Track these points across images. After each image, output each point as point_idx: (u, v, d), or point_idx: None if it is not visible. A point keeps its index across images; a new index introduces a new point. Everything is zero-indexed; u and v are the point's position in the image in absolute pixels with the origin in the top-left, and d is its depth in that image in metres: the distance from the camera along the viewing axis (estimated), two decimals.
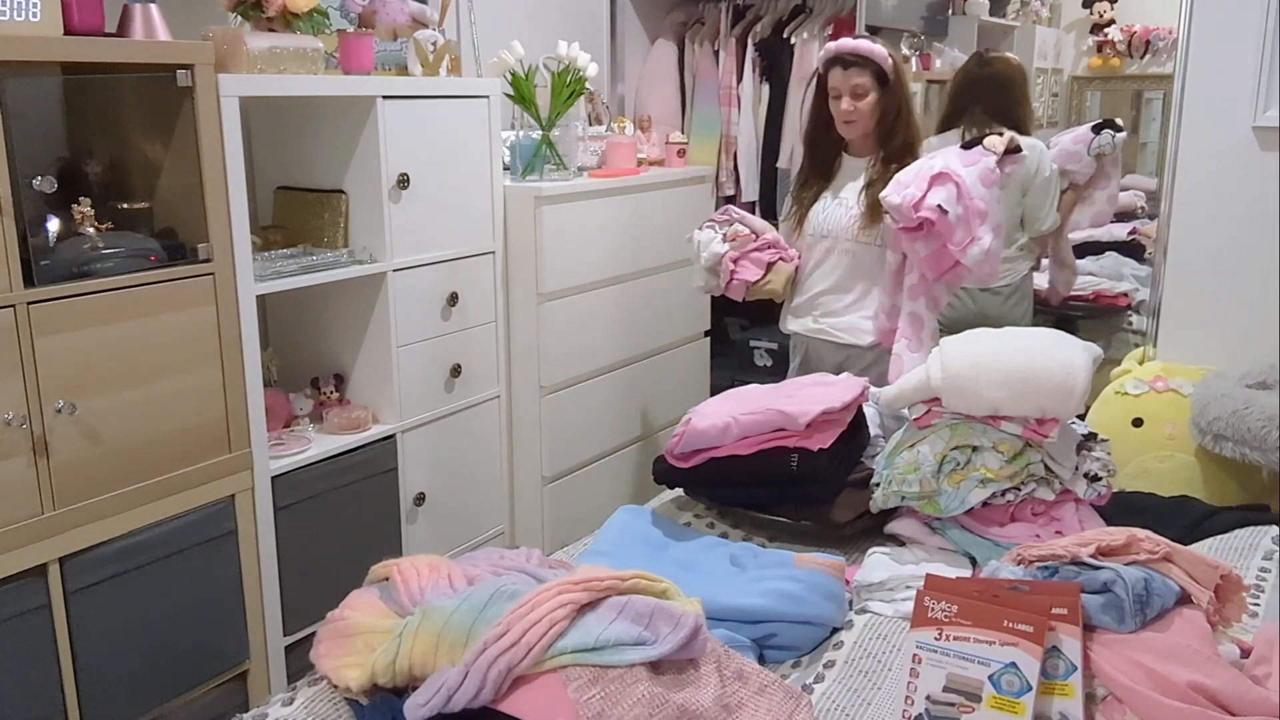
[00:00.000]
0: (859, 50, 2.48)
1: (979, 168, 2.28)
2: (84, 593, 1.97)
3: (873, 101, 2.48)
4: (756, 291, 2.61)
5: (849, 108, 2.48)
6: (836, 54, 2.49)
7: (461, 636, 1.24)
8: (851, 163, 2.60)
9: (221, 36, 2.15)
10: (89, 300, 1.92)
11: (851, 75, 2.47)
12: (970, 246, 2.28)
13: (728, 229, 2.64)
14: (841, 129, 2.54)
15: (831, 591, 1.57)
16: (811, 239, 2.61)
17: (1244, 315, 2.44)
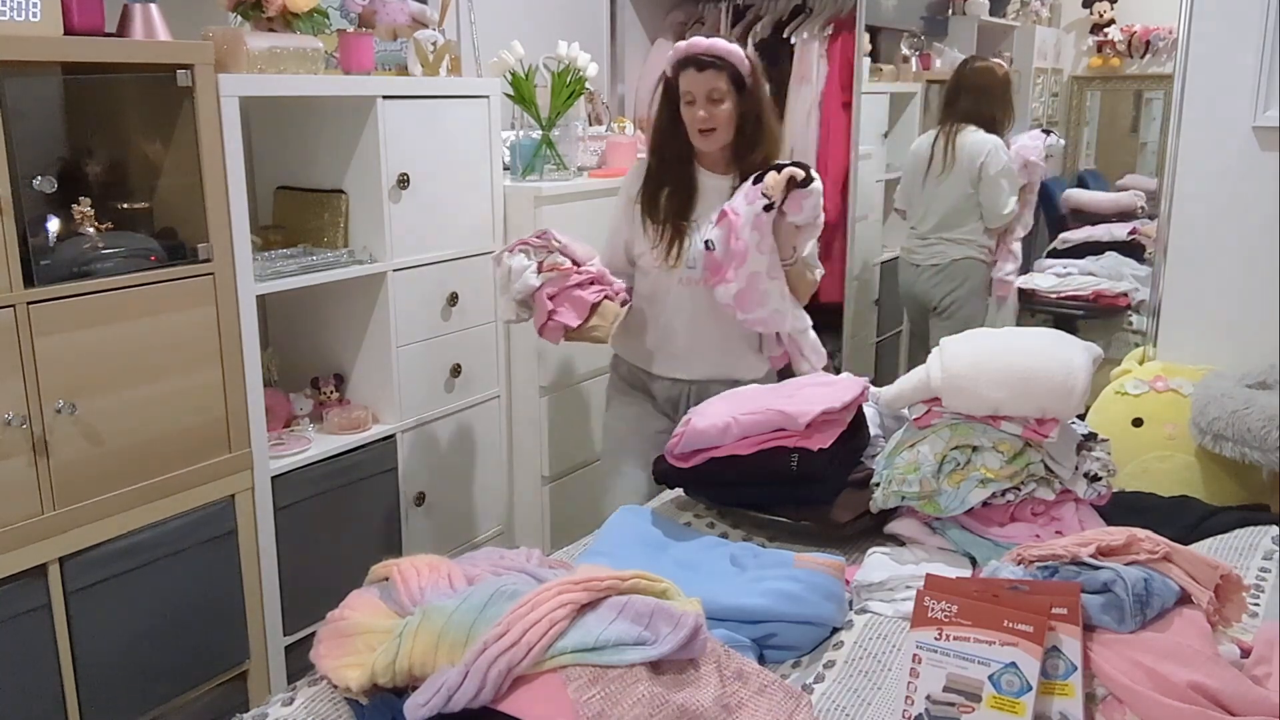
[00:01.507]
0: (714, 50, 2.22)
1: (752, 210, 2.14)
2: (84, 593, 1.97)
3: (730, 108, 2.23)
4: (577, 336, 2.28)
5: (705, 115, 2.22)
6: (689, 54, 2.23)
7: (461, 636, 1.24)
8: (714, 181, 2.32)
9: (221, 36, 2.15)
10: (89, 300, 1.92)
11: (707, 78, 2.21)
12: (718, 285, 2.20)
13: (544, 257, 2.29)
14: (697, 140, 2.26)
15: (831, 591, 1.57)
16: (691, 273, 2.31)
17: (1244, 315, 2.44)
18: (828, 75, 3.64)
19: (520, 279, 2.26)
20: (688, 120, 2.24)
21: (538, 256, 2.29)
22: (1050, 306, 3.86)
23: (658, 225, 2.31)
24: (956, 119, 3.66)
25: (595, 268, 2.31)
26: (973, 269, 3.69)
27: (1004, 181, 3.58)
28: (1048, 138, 3.79)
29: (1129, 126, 5.50)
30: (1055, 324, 3.66)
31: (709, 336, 2.36)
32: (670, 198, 2.31)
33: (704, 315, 2.33)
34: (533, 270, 2.27)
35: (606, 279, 2.31)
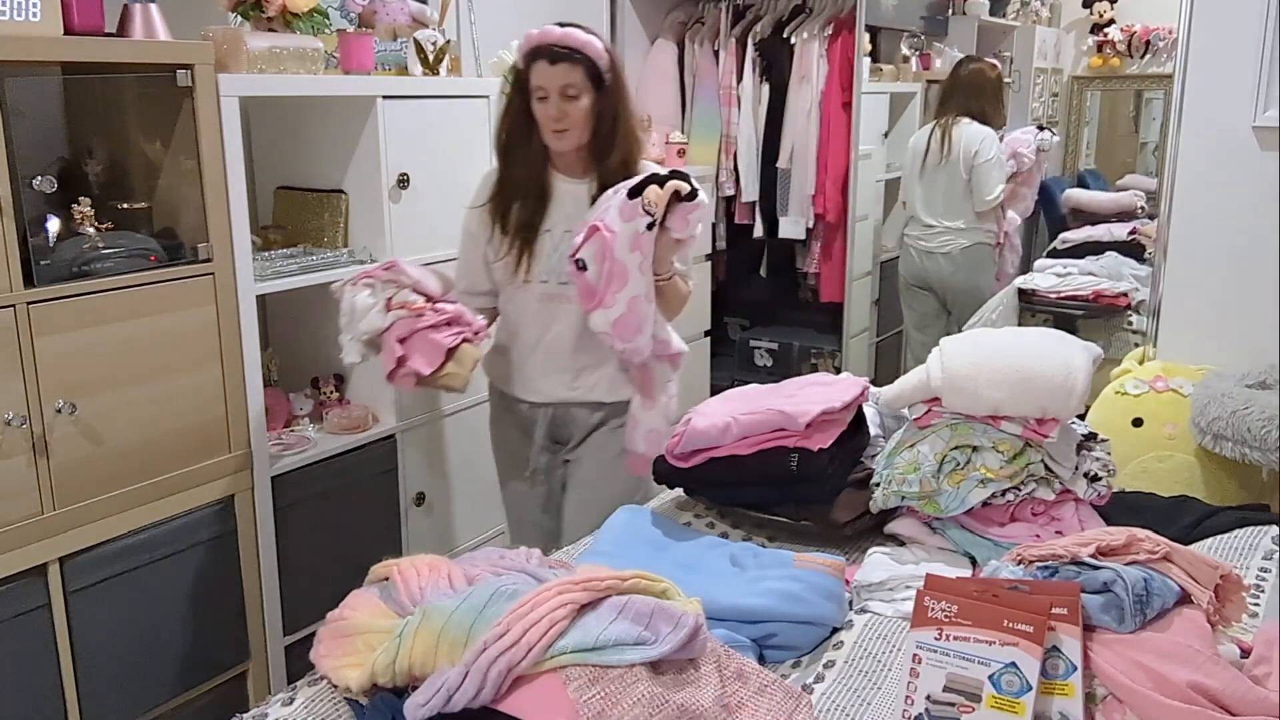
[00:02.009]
0: (569, 41, 2.01)
1: (631, 228, 1.93)
2: (84, 593, 1.97)
3: (586, 106, 2.03)
4: (431, 384, 2.06)
5: (558, 113, 2.02)
6: (540, 45, 2.03)
7: (461, 636, 1.24)
8: (569, 186, 2.12)
9: (221, 36, 2.15)
10: (89, 300, 1.92)
11: (560, 72, 2.00)
12: (597, 311, 1.98)
13: (393, 294, 2.03)
14: (550, 139, 2.05)
15: (831, 591, 1.57)
16: (547, 288, 2.13)
17: (1244, 315, 2.44)
18: (828, 75, 3.65)
19: (365, 318, 2.01)
20: (540, 117, 2.04)
21: (385, 292, 2.02)
22: (1050, 306, 3.87)
23: (506, 234, 2.12)
24: (952, 113, 3.92)
25: (452, 306, 2.06)
26: (984, 254, 4.00)
27: (993, 170, 3.88)
28: (1041, 133, 4.08)
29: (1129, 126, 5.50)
30: (1055, 324, 3.66)
31: (567, 357, 2.17)
32: (522, 204, 2.11)
33: (563, 334, 2.15)
34: (379, 309, 2.01)
35: (464, 318, 2.05)
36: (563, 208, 2.11)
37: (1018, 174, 4.02)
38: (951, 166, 3.91)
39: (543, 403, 2.21)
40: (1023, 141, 4.06)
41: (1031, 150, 4.03)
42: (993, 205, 3.90)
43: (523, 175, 2.10)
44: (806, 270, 3.99)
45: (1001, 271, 4.05)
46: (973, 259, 3.95)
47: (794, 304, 4.17)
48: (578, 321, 2.10)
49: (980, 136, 3.88)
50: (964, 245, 3.93)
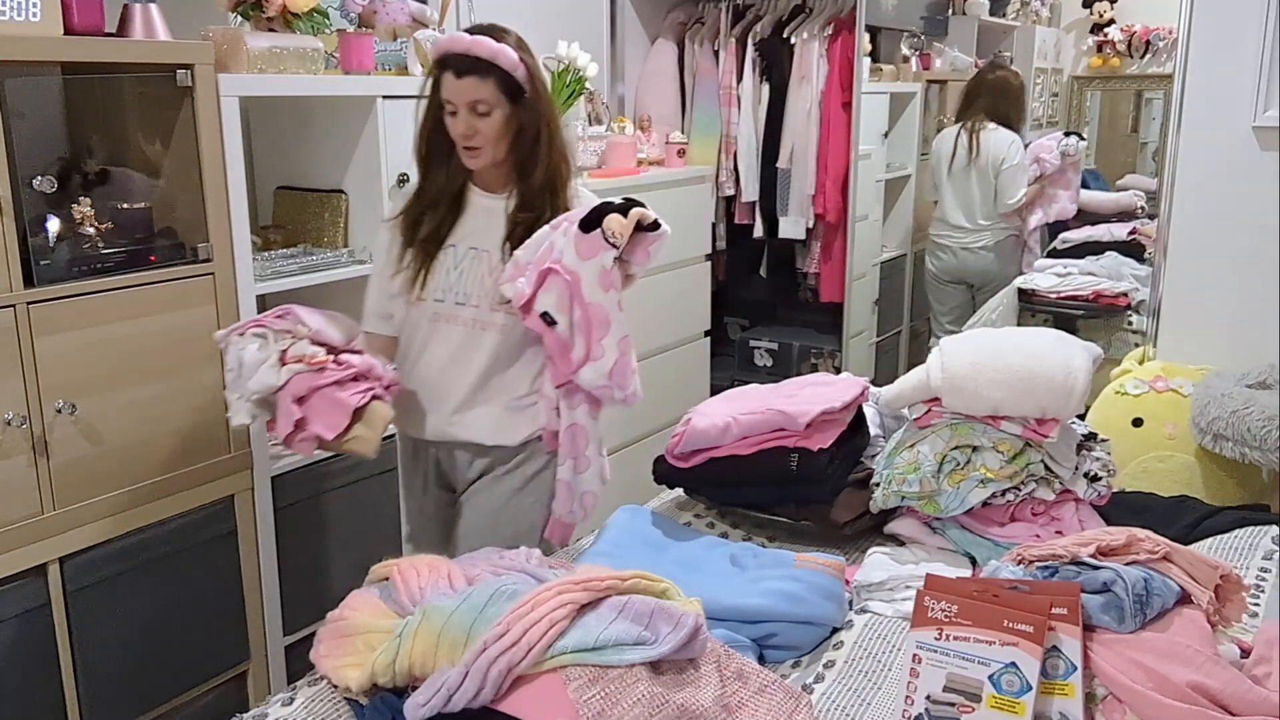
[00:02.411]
0: (476, 51, 1.79)
1: (596, 265, 1.72)
2: (84, 593, 1.97)
3: (500, 122, 1.82)
4: (335, 448, 1.80)
5: (466, 129, 1.81)
6: (447, 55, 1.82)
7: (461, 636, 1.25)
8: (484, 201, 1.92)
9: (221, 36, 2.15)
10: (89, 300, 1.92)
11: (468, 86, 1.79)
12: (585, 366, 1.77)
13: (288, 345, 1.78)
14: (464, 157, 1.86)
15: (831, 591, 1.57)
16: (441, 307, 1.90)
17: (1244, 315, 2.44)
18: (828, 75, 3.65)
19: (256, 375, 1.74)
20: (451, 132, 1.84)
21: (278, 344, 1.77)
22: (1050, 306, 3.87)
23: (407, 248, 1.92)
24: (978, 116, 4.03)
25: (359, 359, 1.80)
26: (1014, 246, 4.19)
27: (1018, 175, 4.02)
28: (1066, 140, 4.16)
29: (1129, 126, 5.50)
30: (1055, 324, 3.67)
31: (461, 389, 1.91)
32: (431, 216, 1.91)
33: (456, 362, 1.91)
34: (272, 363, 1.75)
35: (374, 372, 1.80)
36: (474, 222, 1.91)
37: (1042, 177, 4.15)
38: (980, 169, 4.04)
39: (430, 440, 1.98)
40: (1046, 147, 4.18)
41: (1055, 155, 4.13)
42: (1015, 206, 4.05)
43: (439, 187, 1.91)
44: (806, 270, 3.99)
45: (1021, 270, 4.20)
46: (1005, 251, 4.16)
47: (794, 304, 4.17)
48: (462, 346, 1.89)
49: (1007, 142, 4.01)
50: (999, 239, 4.13)
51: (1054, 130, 4.98)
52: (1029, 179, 4.10)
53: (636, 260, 1.81)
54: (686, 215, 3.40)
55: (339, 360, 1.78)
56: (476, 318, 1.88)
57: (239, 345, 1.79)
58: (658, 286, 3.28)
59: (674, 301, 3.38)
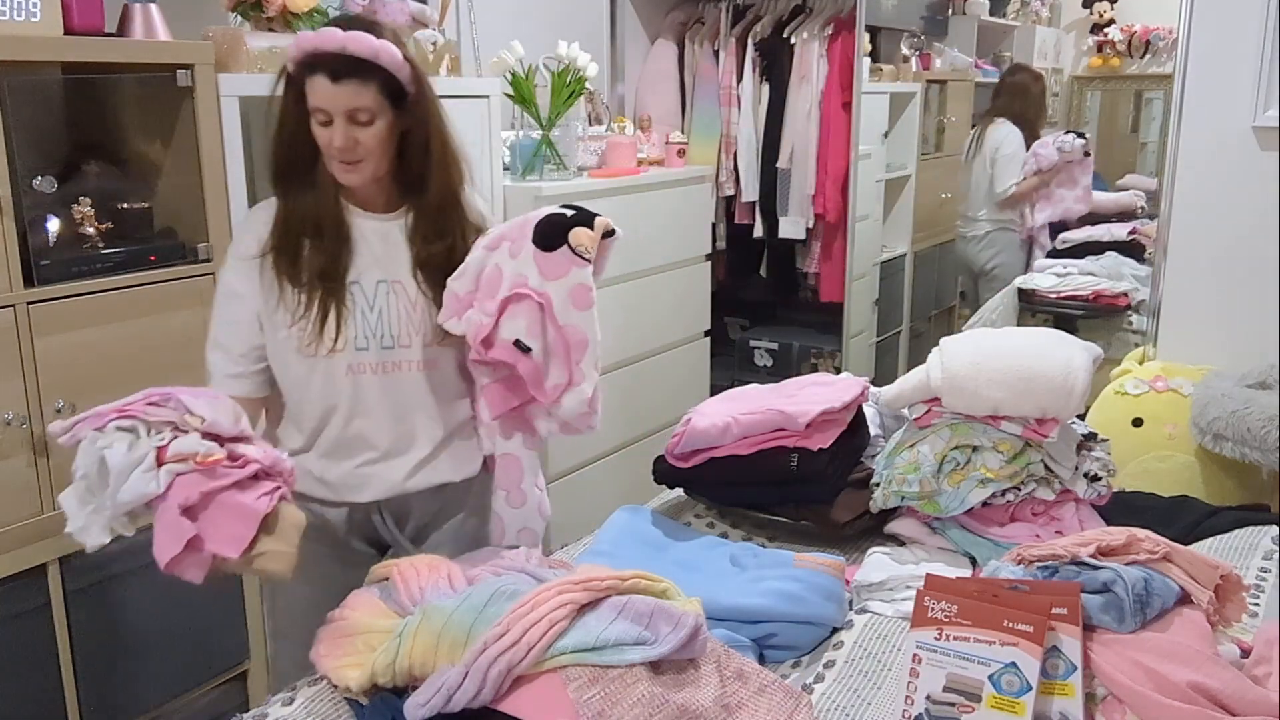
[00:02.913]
0: (358, 50, 1.51)
1: (569, 282, 1.56)
2: (84, 593, 1.97)
3: (384, 131, 1.56)
4: (238, 568, 1.38)
5: (345, 141, 1.54)
6: (319, 54, 1.52)
7: (461, 636, 1.25)
8: (372, 224, 1.65)
9: (221, 36, 2.15)
10: (89, 300, 1.92)
11: (347, 92, 1.52)
12: (567, 392, 1.60)
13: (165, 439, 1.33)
14: (338, 172, 1.58)
15: (831, 591, 1.57)
16: (365, 355, 1.64)
17: (1244, 315, 2.44)
18: (828, 75, 3.65)
19: (127, 483, 1.30)
20: (321, 144, 1.56)
21: (154, 439, 1.33)
22: (1050, 306, 3.87)
23: (299, 290, 1.60)
24: (994, 114, 4.33)
25: (258, 450, 1.39)
26: (1005, 237, 4.35)
27: (1008, 165, 4.23)
28: (1063, 137, 4.30)
29: (1129, 126, 5.49)
30: (1055, 324, 3.67)
31: (426, 440, 1.71)
32: (315, 249, 1.61)
33: (409, 411, 1.69)
34: (148, 466, 1.31)
35: (278, 466, 1.40)
36: (370, 252, 1.64)
37: (1041, 172, 4.27)
38: (980, 161, 4.35)
39: (379, 499, 1.71)
40: (1044, 143, 4.32)
41: (1050, 150, 4.24)
42: (1004, 196, 4.25)
43: (311, 211, 1.60)
44: (806, 270, 3.99)
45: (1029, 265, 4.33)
46: (999, 243, 4.35)
47: (794, 304, 4.17)
48: (409, 394, 1.68)
49: (1005, 135, 4.26)
50: (990, 230, 4.35)
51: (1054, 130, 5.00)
52: (1027, 173, 4.23)
53: (597, 272, 1.62)
54: (686, 215, 3.40)
55: (233, 455, 1.36)
56: (411, 359, 1.66)
57: (97, 444, 1.32)
58: (658, 286, 3.28)
59: (674, 301, 3.38)
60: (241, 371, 1.66)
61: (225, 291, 1.66)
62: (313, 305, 1.60)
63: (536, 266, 1.56)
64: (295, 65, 1.55)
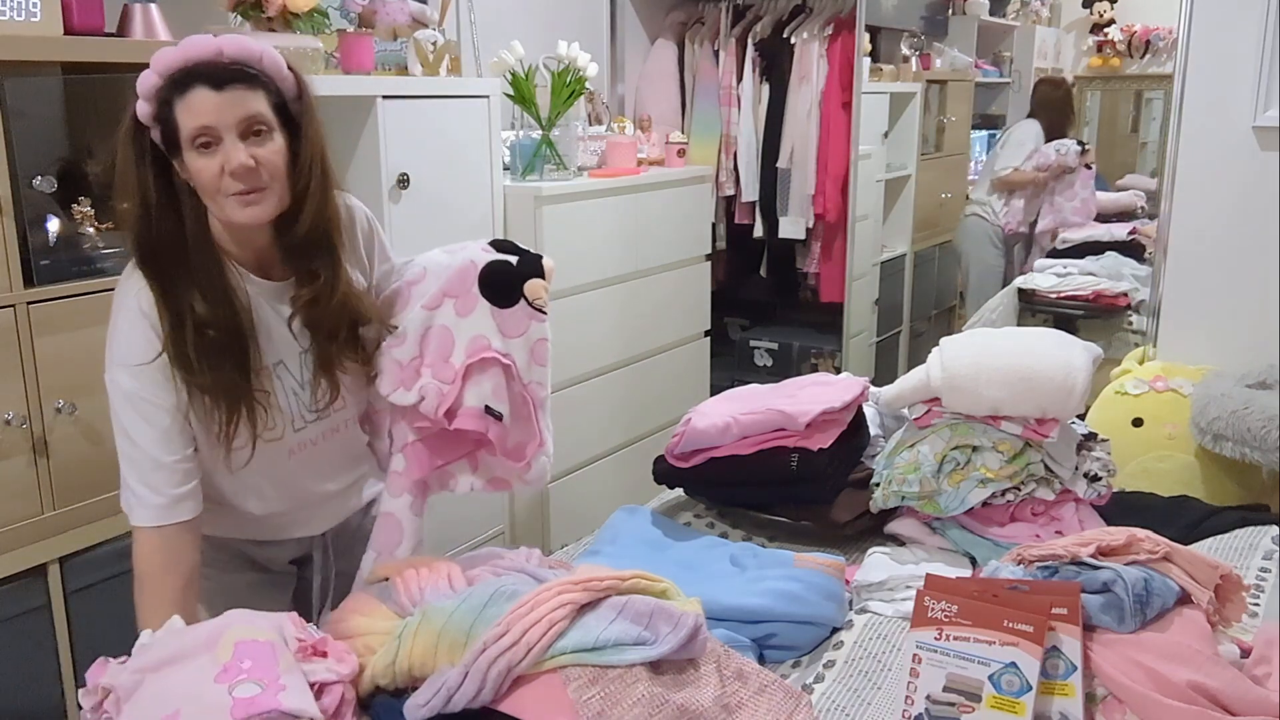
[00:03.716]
0: (233, 52, 1.34)
1: (530, 339, 1.50)
2: (84, 593, 1.97)
3: (282, 149, 1.36)
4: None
5: (246, 158, 1.30)
6: (196, 63, 1.31)
7: (461, 637, 1.25)
8: (268, 288, 1.44)
9: None
10: (89, 300, 1.92)
11: (234, 100, 1.30)
12: (538, 456, 1.53)
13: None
14: (235, 210, 1.32)
15: (831, 591, 1.57)
16: (303, 434, 1.51)
17: (1244, 315, 2.44)
18: (828, 75, 3.65)
19: None
20: (206, 178, 1.30)
21: None
22: (1050, 306, 3.88)
23: (208, 397, 1.37)
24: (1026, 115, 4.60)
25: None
26: (976, 224, 4.55)
27: (1012, 149, 4.45)
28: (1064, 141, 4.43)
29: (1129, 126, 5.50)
30: (1055, 324, 3.68)
31: (341, 478, 1.62)
32: (214, 344, 1.35)
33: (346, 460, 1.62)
34: None
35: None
36: (280, 321, 1.45)
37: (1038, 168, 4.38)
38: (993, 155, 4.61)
39: (317, 533, 1.66)
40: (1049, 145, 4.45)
41: (1049, 150, 4.37)
42: (998, 175, 4.43)
43: (202, 303, 1.34)
44: (806, 270, 3.99)
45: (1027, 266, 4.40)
46: (969, 228, 4.57)
47: (794, 304, 4.17)
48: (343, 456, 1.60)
49: (1024, 125, 4.51)
50: (967, 214, 4.60)
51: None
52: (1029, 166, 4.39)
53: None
54: (686, 215, 3.40)
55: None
56: (349, 416, 1.57)
57: None
58: (658, 286, 3.28)
59: (674, 301, 3.38)
60: (190, 488, 1.40)
61: (136, 402, 1.36)
62: (234, 412, 1.38)
63: (495, 325, 1.47)
64: (159, 90, 1.30)
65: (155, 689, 1.15)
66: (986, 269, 4.55)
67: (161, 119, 1.31)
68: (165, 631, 1.25)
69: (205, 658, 1.16)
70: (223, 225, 1.39)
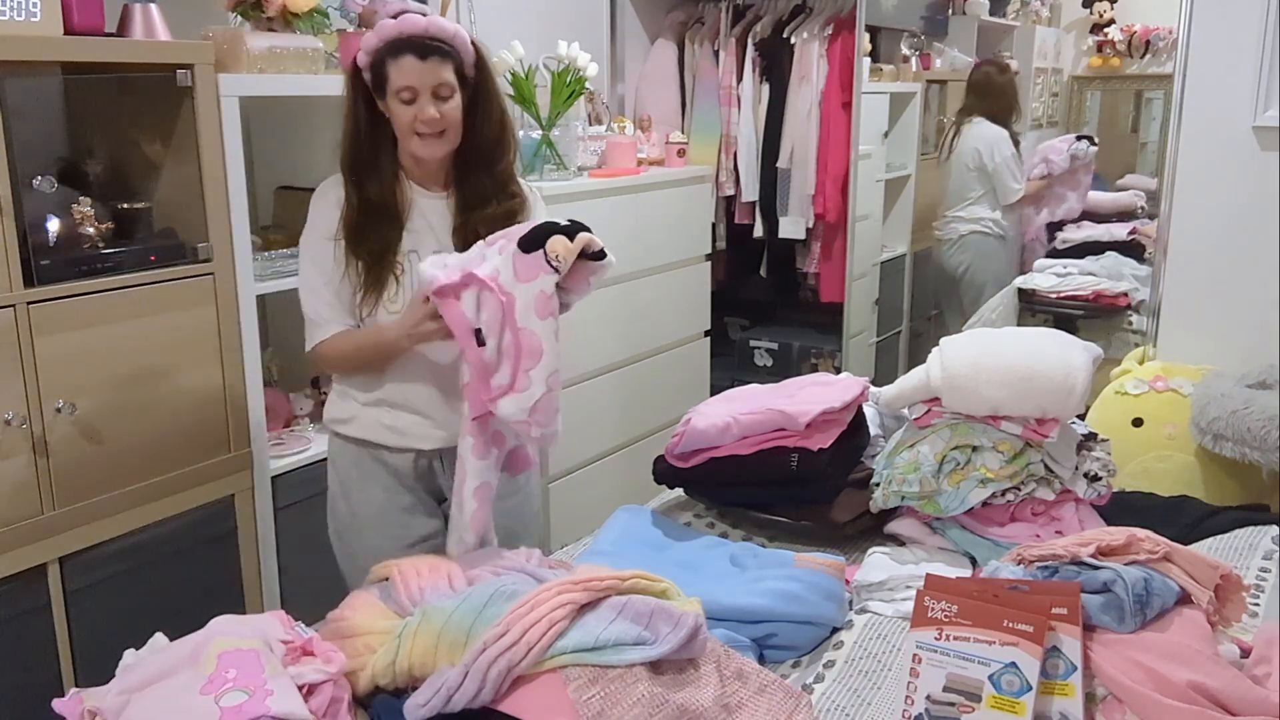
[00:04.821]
0: (439, 32, 1.74)
1: (535, 288, 1.57)
2: (84, 593, 1.97)
3: (461, 107, 1.77)
4: None
5: (435, 114, 1.73)
6: (407, 36, 1.72)
7: (461, 637, 1.25)
8: (427, 201, 1.84)
9: (221, 36, 2.15)
10: (89, 300, 1.92)
11: (432, 68, 1.72)
12: (507, 397, 1.59)
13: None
14: (417, 146, 1.76)
15: (831, 591, 1.57)
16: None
17: (1244, 315, 2.44)
18: (828, 75, 3.65)
19: None
20: (403, 122, 1.75)
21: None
22: (1050, 306, 3.87)
23: (367, 263, 1.79)
24: (965, 113, 4.22)
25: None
26: (981, 242, 4.22)
27: (1006, 168, 4.13)
28: (1077, 143, 4.29)
29: (1129, 126, 5.50)
30: (1055, 324, 3.67)
31: (456, 394, 1.76)
32: (378, 229, 1.79)
33: (446, 369, 1.80)
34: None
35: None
36: (426, 224, 1.83)
37: (1049, 177, 4.28)
38: (956, 162, 4.21)
39: (434, 449, 1.88)
40: (1056, 149, 4.32)
41: (1063, 157, 4.26)
42: (1015, 198, 4.17)
43: (377, 195, 1.80)
44: (806, 270, 3.99)
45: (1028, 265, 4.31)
46: (971, 246, 4.23)
47: (794, 304, 4.17)
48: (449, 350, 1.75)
49: (988, 139, 4.13)
50: (963, 233, 4.23)
51: (1053, 130, 5.00)
52: (1034, 175, 4.22)
53: (576, 290, 1.65)
54: (686, 215, 3.40)
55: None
56: None
57: None
58: (658, 286, 3.28)
59: (674, 301, 3.38)
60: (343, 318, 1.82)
61: (313, 262, 1.83)
62: (373, 275, 1.79)
63: (512, 265, 1.59)
64: (376, 51, 1.74)
65: (142, 708, 1.16)
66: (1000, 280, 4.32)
67: (375, 70, 1.75)
68: (148, 650, 1.27)
69: (190, 672, 1.18)
70: (404, 151, 1.82)
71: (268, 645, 1.23)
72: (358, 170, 1.81)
